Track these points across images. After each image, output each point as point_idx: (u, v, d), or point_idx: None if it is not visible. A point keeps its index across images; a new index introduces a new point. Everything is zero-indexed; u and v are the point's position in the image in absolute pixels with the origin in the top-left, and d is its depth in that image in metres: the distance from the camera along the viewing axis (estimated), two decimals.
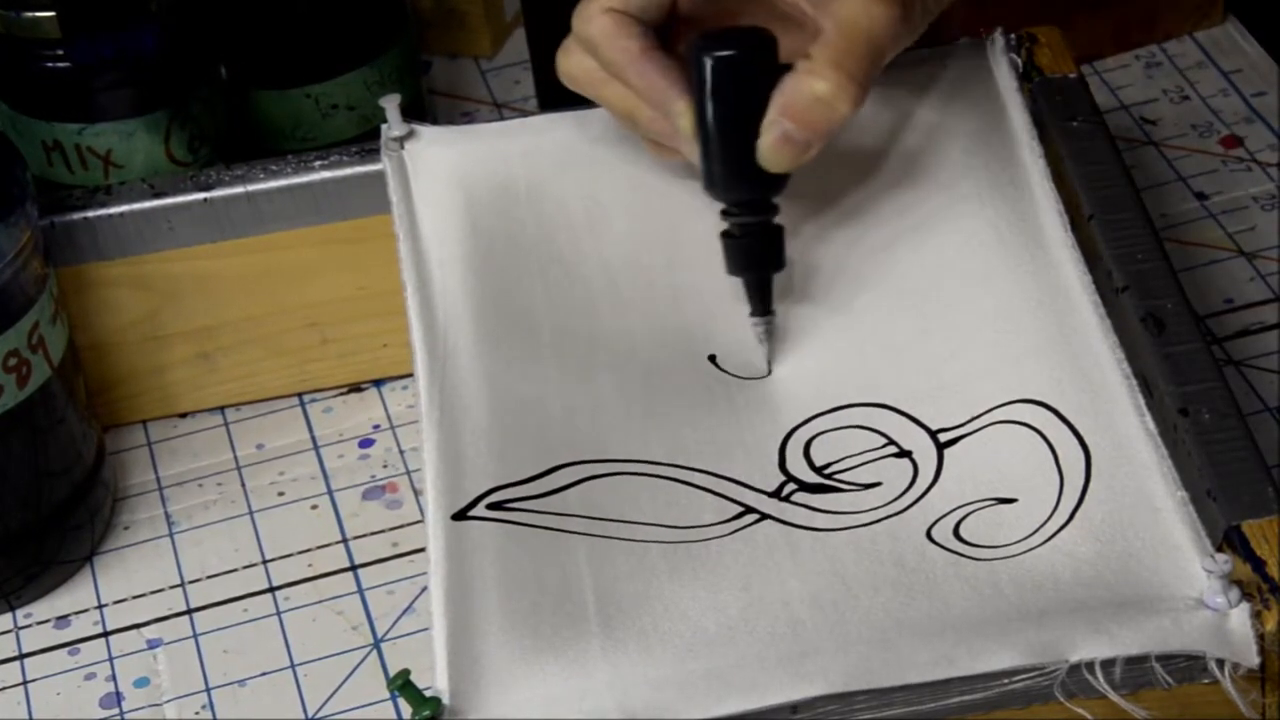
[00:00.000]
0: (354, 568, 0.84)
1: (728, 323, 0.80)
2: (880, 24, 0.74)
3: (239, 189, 0.86)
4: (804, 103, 0.74)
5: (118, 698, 0.80)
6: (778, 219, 0.78)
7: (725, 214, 0.78)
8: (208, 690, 0.80)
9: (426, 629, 0.69)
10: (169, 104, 0.90)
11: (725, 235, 0.78)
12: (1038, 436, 0.73)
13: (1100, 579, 0.69)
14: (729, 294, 0.80)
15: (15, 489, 0.82)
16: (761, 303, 0.79)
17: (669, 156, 0.80)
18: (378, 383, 0.91)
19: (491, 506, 0.73)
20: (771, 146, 0.75)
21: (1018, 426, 0.74)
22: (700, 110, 0.76)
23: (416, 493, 0.86)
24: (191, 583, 0.84)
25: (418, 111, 0.96)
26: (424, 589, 0.82)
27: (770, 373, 0.79)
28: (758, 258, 0.78)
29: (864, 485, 0.74)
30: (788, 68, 0.75)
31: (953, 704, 0.66)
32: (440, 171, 0.84)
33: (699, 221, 0.82)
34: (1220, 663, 0.65)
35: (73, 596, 0.84)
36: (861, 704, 0.66)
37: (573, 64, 0.78)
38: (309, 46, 0.94)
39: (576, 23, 0.78)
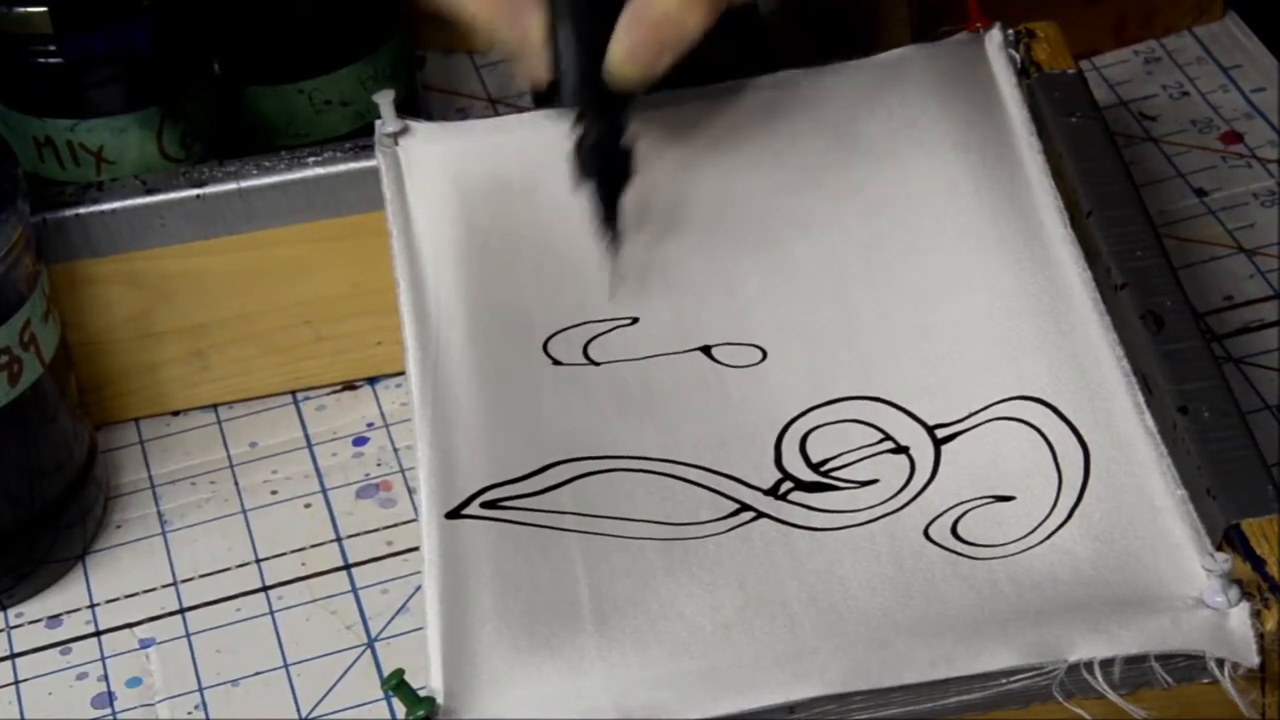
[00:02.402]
0: (348, 567, 0.84)
1: (721, 314, 0.80)
2: None
3: (232, 185, 0.86)
4: (654, 17, 0.75)
5: (110, 697, 0.80)
6: (628, 133, 0.78)
7: (576, 123, 0.79)
8: (200, 690, 0.80)
9: (421, 628, 0.69)
10: (161, 100, 0.90)
11: (576, 145, 0.79)
12: (1036, 434, 0.73)
13: (1099, 578, 0.68)
14: (723, 286, 0.80)
15: (6, 487, 0.82)
16: (607, 213, 0.79)
17: (525, 75, 0.80)
18: (371, 380, 0.91)
19: (486, 505, 0.73)
20: (620, 60, 0.76)
21: (1016, 424, 0.74)
22: (551, 19, 0.77)
23: (410, 491, 0.86)
24: (184, 582, 0.84)
25: (412, 107, 0.95)
26: (418, 588, 0.81)
27: (610, 297, 0.80)
28: (607, 166, 0.79)
29: (861, 482, 0.73)
30: None
31: (951, 704, 0.66)
32: (434, 168, 0.84)
33: (690, 213, 0.82)
34: (1220, 662, 0.65)
35: (64, 596, 0.84)
36: (859, 704, 0.66)
37: None
38: (303, 42, 0.94)
39: None
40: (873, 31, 0.96)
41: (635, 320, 0.80)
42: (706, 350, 0.79)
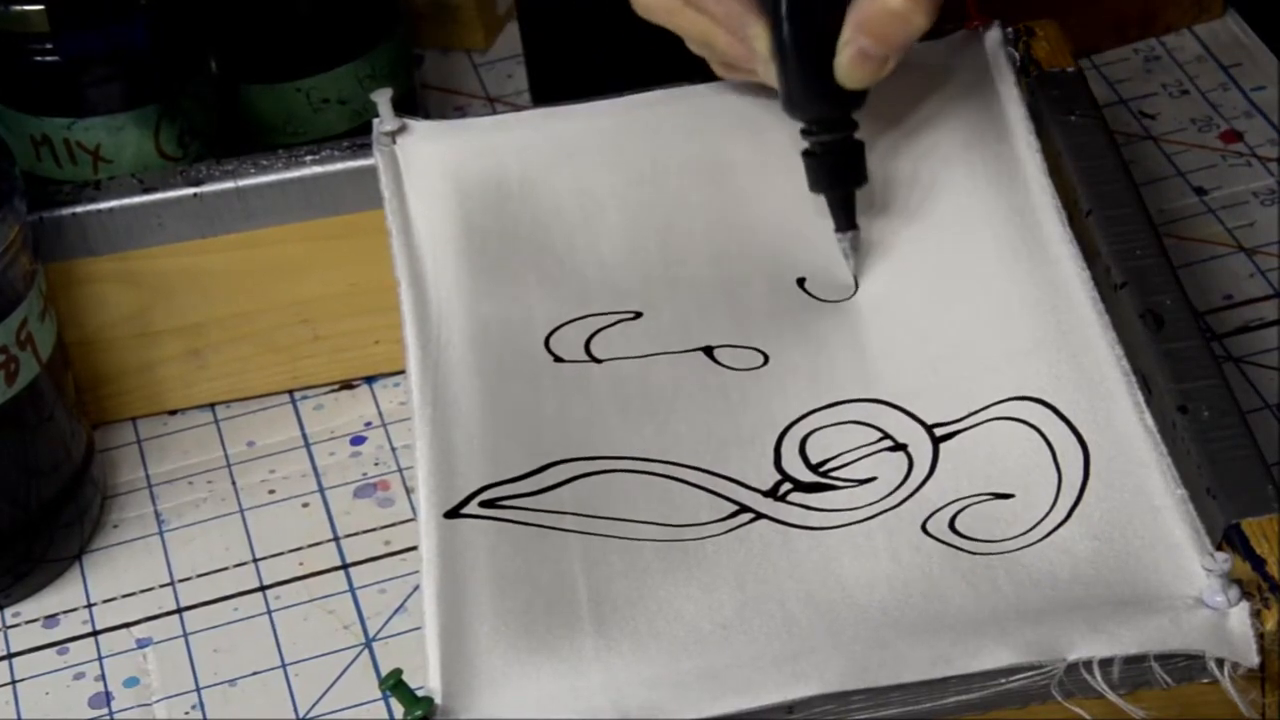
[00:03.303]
0: (345, 566, 0.84)
1: (725, 314, 0.80)
2: None
3: (229, 184, 0.85)
4: (879, 17, 0.75)
5: (107, 697, 0.80)
6: (857, 135, 0.79)
7: (805, 133, 0.79)
8: (198, 690, 0.80)
9: (418, 628, 0.69)
10: (159, 98, 0.90)
11: (807, 154, 0.79)
12: (1036, 434, 0.73)
13: (1099, 577, 0.68)
14: (725, 284, 0.80)
15: (3, 487, 0.81)
16: (846, 218, 0.80)
17: (742, 78, 0.81)
18: (369, 379, 0.91)
19: (484, 504, 0.73)
20: (849, 63, 0.76)
21: (1015, 423, 0.74)
22: (776, 31, 0.77)
23: (408, 490, 0.86)
24: (181, 581, 0.84)
25: (410, 106, 0.95)
26: (416, 588, 0.81)
27: (857, 289, 0.80)
28: (840, 174, 0.79)
29: (859, 481, 0.73)
30: None
31: (950, 703, 0.66)
32: (433, 166, 0.84)
33: (693, 214, 0.82)
34: (1220, 662, 0.65)
35: (61, 595, 0.84)
36: (858, 704, 0.66)
37: None
38: (300, 40, 0.94)
39: None
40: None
41: (638, 315, 0.80)
42: (708, 351, 0.79)
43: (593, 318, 0.79)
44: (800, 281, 0.81)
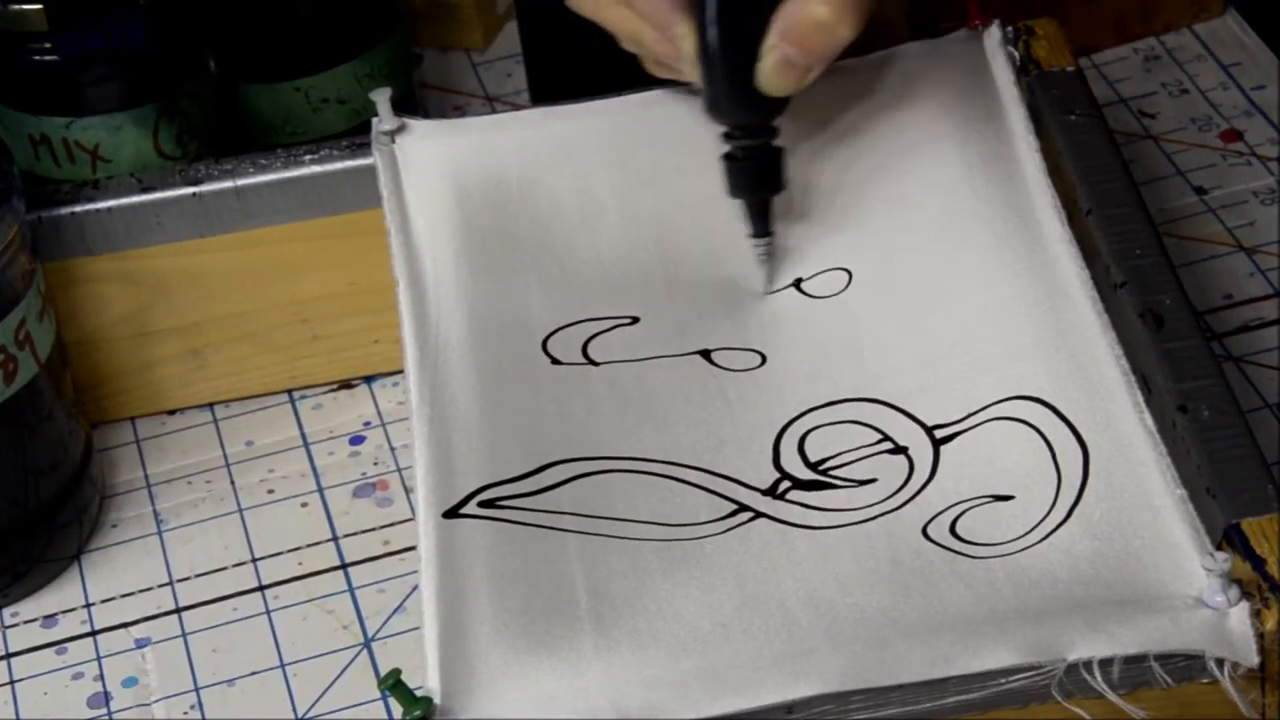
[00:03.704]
0: (344, 566, 0.84)
1: (722, 316, 0.80)
2: None
3: (228, 184, 0.85)
4: (804, 26, 0.75)
5: (106, 697, 0.80)
6: (777, 141, 0.79)
7: (727, 137, 0.79)
8: (196, 690, 0.80)
9: (417, 628, 0.69)
10: (157, 98, 0.89)
11: (726, 158, 0.79)
12: (1035, 434, 0.73)
13: (1098, 577, 0.68)
14: (723, 286, 0.80)
15: (2, 486, 0.81)
16: (762, 224, 0.80)
17: (673, 76, 0.80)
18: (368, 379, 0.91)
19: (483, 504, 0.72)
20: (771, 70, 0.76)
21: (1015, 423, 0.73)
22: (702, 33, 0.76)
23: (407, 490, 0.86)
24: (180, 581, 0.84)
25: (409, 105, 0.95)
26: (415, 587, 0.80)
27: (767, 292, 0.80)
28: (758, 180, 0.79)
29: (859, 482, 0.73)
30: None
31: (949, 703, 0.66)
32: (432, 166, 0.83)
33: (693, 214, 0.82)
34: (1220, 662, 0.65)
35: (60, 595, 0.84)
36: (857, 704, 0.65)
37: None
38: (299, 40, 0.94)
39: None
40: (871, 29, 0.96)
41: (635, 320, 0.80)
42: (706, 355, 0.79)
43: (590, 322, 0.79)
44: (797, 282, 0.81)
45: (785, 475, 0.74)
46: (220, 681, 0.80)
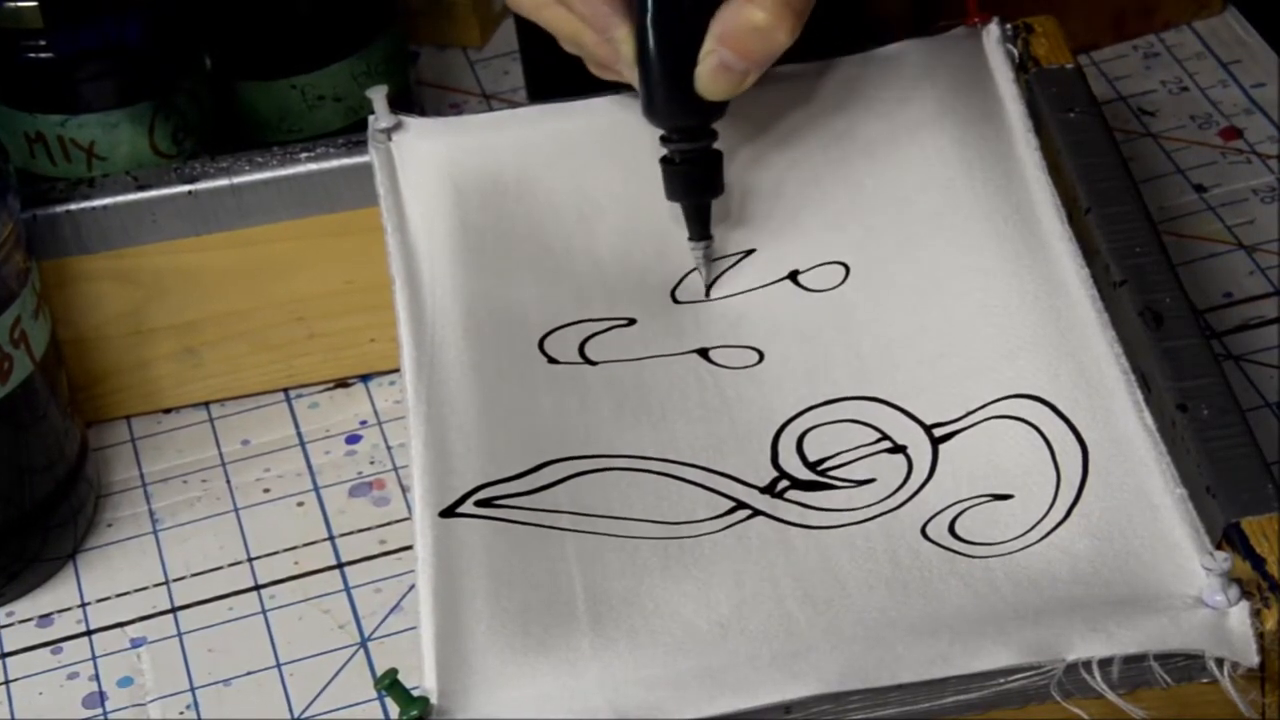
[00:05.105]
0: (340, 565, 0.83)
1: (719, 315, 0.79)
2: None
3: (224, 181, 0.85)
4: (742, 31, 0.75)
5: (101, 697, 0.80)
6: (716, 145, 0.79)
7: (665, 140, 0.79)
8: (192, 690, 0.80)
9: (414, 627, 0.69)
10: (153, 95, 0.89)
11: (665, 161, 0.79)
12: (1034, 432, 0.73)
13: (1098, 577, 0.68)
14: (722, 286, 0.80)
15: None
16: (700, 227, 0.80)
17: (613, 78, 0.80)
18: (365, 378, 0.90)
19: (480, 503, 0.72)
20: (709, 74, 0.76)
21: (1014, 422, 0.73)
22: (641, 36, 0.76)
23: (404, 489, 0.86)
24: (176, 581, 0.84)
25: (405, 103, 0.95)
26: (411, 587, 0.81)
27: (709, 296, 0.80)
28: (696, 184, 0.79)
29: (858, 481, 0.73)
30: None
31: (948, 703, 0.65)
32: (428, 164, 0.83)
33: None
34: (1219, 662, 0.65)
35: (55, 595, 0.84)
36: (856, 703, 0.65)
37: None
38: (295, 37, 0.94)
39: None
40: (870, 26, 0.96)
41: (632, 321, 0.80)
42: (703, 353, 0.78)
43: (587, 323, 0.79)
44: (794, 274, 0.80)
45: (784, 474, 0.74)
46: (216, 681, 0.80)
